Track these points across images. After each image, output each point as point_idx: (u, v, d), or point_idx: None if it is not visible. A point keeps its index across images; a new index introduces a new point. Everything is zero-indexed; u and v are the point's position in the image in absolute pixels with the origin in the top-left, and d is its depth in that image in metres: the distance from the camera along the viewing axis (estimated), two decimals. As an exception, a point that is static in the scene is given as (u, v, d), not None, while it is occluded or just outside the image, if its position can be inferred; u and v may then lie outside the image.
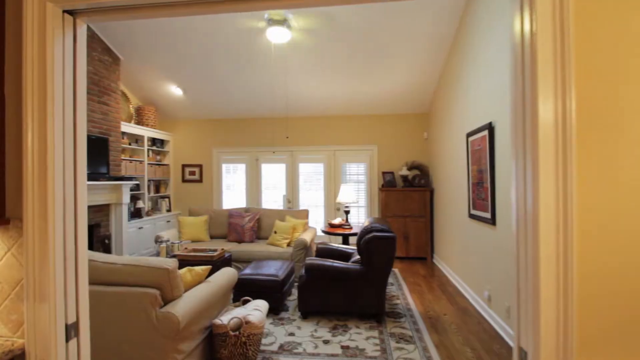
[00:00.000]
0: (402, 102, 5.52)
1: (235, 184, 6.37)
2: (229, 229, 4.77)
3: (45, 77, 1.11)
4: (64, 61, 1.15)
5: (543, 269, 0.86)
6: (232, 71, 4.91)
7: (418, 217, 5.26)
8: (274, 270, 3.40)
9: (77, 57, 1.21)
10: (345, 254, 3.76)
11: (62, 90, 1.15)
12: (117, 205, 4.64)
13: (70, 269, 1.16)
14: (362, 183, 5.92)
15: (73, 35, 1.19)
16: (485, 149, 3.14)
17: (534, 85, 0.86)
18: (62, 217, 1.13)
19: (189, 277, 2.33)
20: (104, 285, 2.04)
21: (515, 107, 0.95)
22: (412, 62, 4.53)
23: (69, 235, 1.15)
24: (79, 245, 1.18)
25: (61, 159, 1.14)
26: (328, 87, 5.19)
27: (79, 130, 1.20)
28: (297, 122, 6.10)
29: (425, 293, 3.85)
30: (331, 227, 4.67)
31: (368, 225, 3.11)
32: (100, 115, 4.48)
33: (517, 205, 0.96)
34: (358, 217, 5.89)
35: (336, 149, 5.99)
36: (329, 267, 3.02)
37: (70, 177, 1.16)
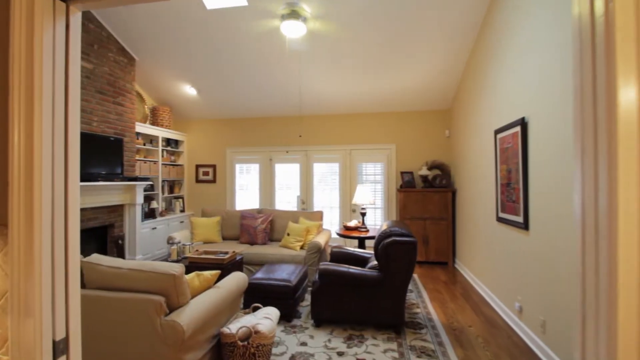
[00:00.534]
0: (422, 99, 5.29)
1: (249, 185, 6.28)
2: (242, 231, 4.67)
3: (33, 70, 0.99)
4: (54, 52, 1.03)
5: (622, 286, 0.67)
6: (245, 70, 4.81)
7: (439, 219, 5.02)
8: (286, 274, 3.26)
9: (69, 47, 1.09)
10: (362, 258, 3.58)
11: (52, 84, 1.03)
12: (130, 206, 4.62)
13: (60, 279, 1.04)
14: (379, 183, 5.72)
15: (65, 23, 1.08)
16: (517, 146, 2.90)
17: (611, 68, 0.67)
18: (51, 223, 1.01)
19: (196, 283, 2.22)
20: (109, 290, 1.95)
21: (581, 96, 0.76)
22: (434, 55, 4.30)
23: (58, 243, 1.03)
24: (70, 253, 1.06)
25: (50, 160, 1.01)
26: (343, 84, 5.02)
27: (71, 127, 1.08)
28: (312, 120, 5.95)
29: (447, 301, 3.62)
30: (346, 229, 4.49)
31: (386, 229, 2.92)
32: (115, 116, 4.47)
33: (583, 212, 0.77)
34: (375, 219, 5.69)
35: (352, 148, 5.81)
36: (344, 273, 2.86)
37: (61, 179, 1.04)
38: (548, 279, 2.41)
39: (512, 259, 3.01)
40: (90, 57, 4.06)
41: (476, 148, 4.06)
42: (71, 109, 1.06)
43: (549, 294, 2.40)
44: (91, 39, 4.07)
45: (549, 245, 2.40)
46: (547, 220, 2.43)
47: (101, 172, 4.07)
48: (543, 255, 2.47)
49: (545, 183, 2.46)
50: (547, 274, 2.42)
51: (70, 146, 1.05)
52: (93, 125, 4.11)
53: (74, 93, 1.07)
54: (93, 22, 4.08)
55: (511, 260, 3.04)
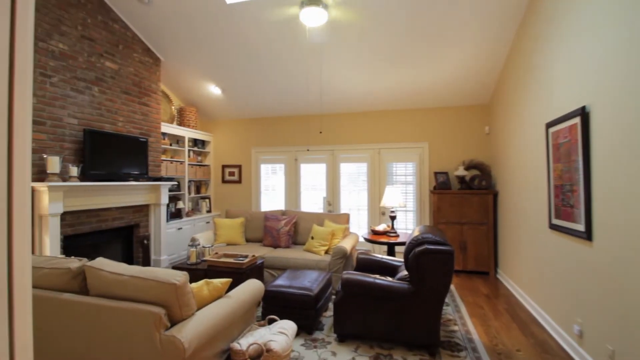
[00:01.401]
0: (457, 93, 4.84)
1: (275, 185, 6.12)
2: (265, 233, 4.50)
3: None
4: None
5: None
6: (267, 67, 4.64)
7: (478, 224, 4.54)
8: (308, 282, 3.02)
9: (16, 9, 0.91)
10: (390, 267, 3.25)
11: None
12: (156, 206, 4.60)
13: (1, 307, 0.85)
14: (411, 185, 5.33)
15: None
16: (576, 141, 2.45)
17: None
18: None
19: (205, 292, 2.03)
20: (111, 298, 1.80)
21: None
22: (470, 44, 3.87)
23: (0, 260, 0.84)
24: (16, 271, 0.87)
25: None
26: (370, 78, 4.70)
27: (17, 114, 0.90)
28: (338, 118, 5.68)
29: (490, 318, 3.19)
30: (374, 234, 4.17)
31: (418, 235, 2.58)
32: (141, 116, 4.48)
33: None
34: (405, 223, 5.30)
35: (381, 147, 5.46)
36: (369, 284, 2.56)
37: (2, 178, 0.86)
38: (620, 301, 1.96)
39: (571, 273, 2.56)
40: (116, 58, 4.08)
41: (522, 145, 3.58)
42: (18, 90, 0.87)
43: (621, 319, 1.96)
44: (116, 39, 4.08)
45: (620, 259, 1.95)
46: (616, 229, 1.99)
47: (126, 172, 4.07)
48: (612, 270, 2.03)
49: (614, 184, 2.01)
50: (618, 294, 1.98)
51: (16, 137, 0.86)
52: (118, 125, 4.13)
53: (23, 70, 0.88)
54: (118, 23, 4.09)
55: (569, 274, 2.58)
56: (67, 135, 3.51)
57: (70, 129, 3.54)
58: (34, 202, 3.19)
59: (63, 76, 3.46)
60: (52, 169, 3.21)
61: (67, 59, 3.50)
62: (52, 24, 3.35)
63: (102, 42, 3.89)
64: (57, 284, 1.92)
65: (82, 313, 1.77)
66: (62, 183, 3.19)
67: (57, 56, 3.40)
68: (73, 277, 1.91)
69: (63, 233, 3.42)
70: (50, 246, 3.16)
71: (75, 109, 3.60)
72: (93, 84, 3.80)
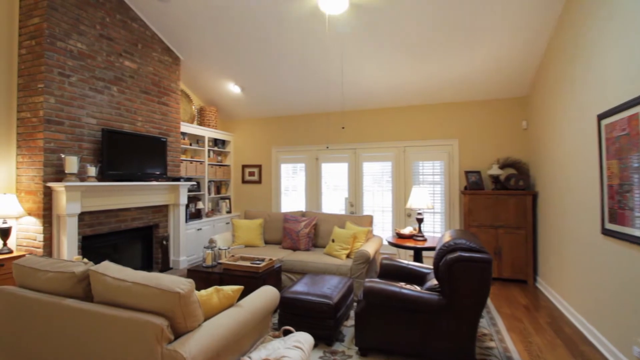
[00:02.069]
0: (491, 85, 4.47)
1: (296, 186, 5.96)
2: (284, 235, 4.33)
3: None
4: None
5: None
6: (286, 63, 4.48)
7: (515, 228, 4.16)
8: (327, 289, 2.81)
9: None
10: (418, 274, 2.98)
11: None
12: (175, 206, 4.56)
13: None
14: (439, 185, 4.99)
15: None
16: (637, 134, 2.10)
17: None
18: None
19: (215, 300, 1.87)
20: (113, 306, 1.68)
21: None
22: (507, 32, 3.52)
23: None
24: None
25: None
26: (395, 72, 4.43)
27: None
28: (360, 115, 5.44)
29: (530, 333, 2.85)
30: (399, 237, 3.90)
31: (450, 241, 2.31)
32: (160, 116, 4.44)
33: None
34: (433, 225, 4.98)
35: (406, 145, 5.16)
36: (395, 294, 2.31)
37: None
38: None
39: (629, 286, 2.20)
40: (134, 57, 4.05)
41: (568, 140, 3.20)
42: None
43: None
44: (135, 38, 4.06)
45: None
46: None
47: (145, 172, 4.03)
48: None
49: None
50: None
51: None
52: (137, 125, 4.10)
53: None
54: (137, 22, 4.07)
55: (628, 287, 2.22)
56: (86, 135, 3.50)
57: (88, 128, 3.52)
58: (52, 202, 3.18)
59: (82, 76, 3.45)
60: (70, 169, 3.20)
61: (85, 59, 3.49)
62: (71, 24, 3.34)
63: (120, 41, 3.87)
64: (61, 288, 1.82)
65: (83, 321, 1.66)
66: (79, 183, 3.17)
67: (76, 56, 3.39)
68: (78, 282, 1.81)
69: (82, 233, 3.41)
70: (67, 246, 3.14)
71: (94, 108, 3.58)
72: (112, 83, 3.78)
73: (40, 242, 3.13)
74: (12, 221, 3.23)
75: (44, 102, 3.12)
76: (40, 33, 3.14)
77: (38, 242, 3.14)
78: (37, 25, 3.16)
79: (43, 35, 3.12)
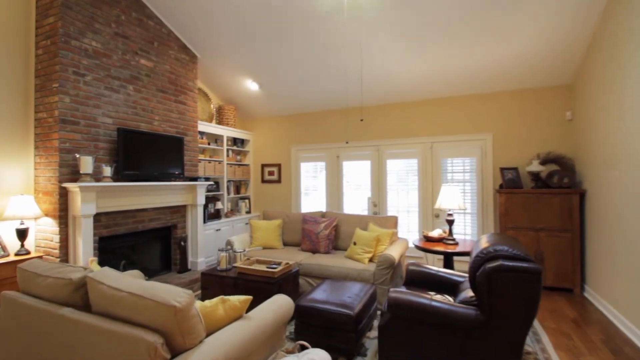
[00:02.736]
0: (530, 73, 4.04)
1: (315, 185, 5.75)
2: (303, 237, 4.13)
3: None
4: None
5: None
6: (305, 59, 4.27)
7: (558, 230, 3.73)
8: (348, 297, 2.57)
9: None
10: (450, 283, 2.67)
11: None
12: (192, 207, 4.47)
13: None
14: (470, 183, 4.61)
15: None
16: None
17: None
18: None
19: (220, 312, 1.68)
20: (107, 317, 1.52)
21: None
22: (549, 12, 3.13)
23: None
24: None
25: None
26: (421, 61, 4.10)
27: None
28: (383, 110, 5.14)
29: (583, 353, 2.48)
30: (427, 240, 3.59)
31: (488, 247, 2.00)
32: (177, 115, 4.37)
33: None
34: (464, 227, 4.60)
35: (434, 140, 4.81)
36: (424, 306, 2.03)
37: None
38: None
39: None
40: (151, 55, 3.99)
41: (623, 132, 2.78)
42: None
43: None
44: (151, 36, 3.99)
45: None
46: None
47: (161, 172, 3.95)
48: None
49: None
50: None
51: None
52: (154, 124, 4.03)
53: None
54: (152, 19, 4.00)
55: None
56: (102, 134, 3.45)
57: (104, 128, 3.47)
58: (68, 203, 3.14)
59: (97, 75, 3.41)
60: (85, 169, 3.14)
61: (100, 57, 3.44)
62: (85, 22, 3.29)
63: (136, 39, 3.81)
64: (60, 295, 1.70)
65: (76, 333, 1.52)
66: (93, 183, 3.11)
67: (91, 54, 3.35)
68: (75, 290, 1.68)
69: (98, 234, 3.36)
70: (83, 248, 3.09)
71: (110, 108, 3.53)
72: (128, 82, 3.72)
73: (56, 243, 3.10)
74: (31, 222, 3.23)
75: (59, 101, 3.08)
76: (54, 32, 3.11)
77: (55, 243, 3.11)
78: (52, 25, 3.13)
79: (57, 35, 3.08)
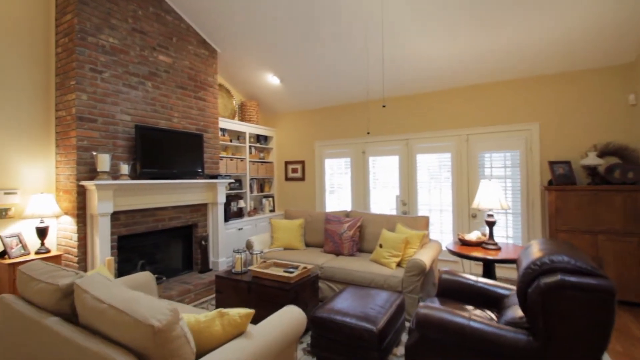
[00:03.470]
0: (584, 51, 3.49)
1: (340, 183, 5.46)
2: (325, 237, 3.87)
3: None
4: None
5: None
6: (326, 48, 4.00)
7: (621, 234, 3.18)
8: (371, 309, 2.28)
9: None
10: (492, 296, 2.29)
11: None
12: (213, 205, 4.36)
13: None
14: (511, 179, 4.11)
15: None
16: None
17: None
18: None
19: (217, 328, 1.46)
20: (89, 331, 1.36)
21: None
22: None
23: None
24: None
25: None
26: (455, 44, 3.68)
27: None
28: (412, 101, 4.74)
29: (665, 389, 2.01)
30: (463, 244, 3.19)
31: (542, 257, 1.63)
32: (197, 111, 4.27)
33: None
34: (506, 229, 4.11)
35: (470, 132, 4.35)
36: (460, 328, 1.70)
37: None
38: None
39: None
40: (169, 51, 3.90)
41: None
42: None
43: None
44: (169, 31, 3.90)
45: None
46: None
47: (181, 170, 3.86)
48: None
49: None
50: None
51: None
52: (174, 121, 3.95)
53: None
54: (170, 14, 3.91)
55: None
56: (120, 132, 3.40)
57: (123, 125, 3.42)
58: (86, 201, 3.10)
59: (114, 71, 3.35)
60: (102, 167, 3.09)
61: (118, 54, 3.38)
62: (102, 18, 3.24)
63: (154, 34, 3.74)
64: (48, 303, 1.56)
65: (56, 348, 1.36)
66: (110, 181, 3.05)
67: (108, 51, 3.30)
68: (63, 297, 1.53)
69: (117, 233, 3.31)
70: (100, 247, 3.04)
71: (128, 105, 3.48)
72: (146, 78, 3.66)
73: (75, 242, 3.07)
74: (53, 221, 3.24)
75: (76, 99, 3.05)
76: (71, 29, 3.07)
77: (73, 242, 3.09)
78: (69, 22, 3.10)
79: (74, 31, 3.05)
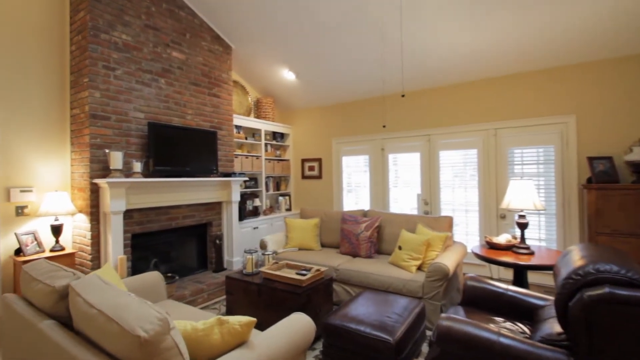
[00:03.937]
0: (626, 34, 3.14)
1: (359, 181, 5.28)
2: (342, 238, 3.71)
3: None
4: None
5: None
6: (341, 40, 3.82)
7: (676, 239, 2.83)
8: (388, 318, 2.10)
9: None
10: (524, 306, 2.06)
11: None
12: (227, 203, 4.30)
13: None
14: (544, 177, 3.79)
15: None
16: None
17: None
18: None
19: (215, 337, 1.34)
20: (81, 337, 1.27)
21: None
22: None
23: None
24: None
25: None
26: (482, 31, 3.41)
27: None
28: (433, 94, 4.48)
29: None
30: (491, 247, 2.94)
31: (585, 266, 1.40)
32: (211, 108, 4.21)
33: None
34: (539, 231, 3.79)
35: (498, 126, 4.06)
36: (489, 344, 1.50)
37: None
38: None
39: None
40: (183, 47, 3.86)
41: None
42: None
43: None
44: (183, 27, 3.86)
45: None
46: None
47: (194, 168, 3.81)
48: None
49: None
50: None
51: None
52: (187, 118, 3.91)
53: None
54: (184, 10, 3.86)
55: None
56: (133, 129, 3.37)
57: (136, 123, 3.40)
58: (99, 199, 3.10)
59: (127, 68, 3.33)
60: (115, 164, 3.07)
61: (131, 50, 3.36)
62: (115, 15, 3.22)
63: (167, 31, 3.70)
64: (45, 305, 1.50)
65: (44, 353, 1.29)
66: (122, 179, 3.02)
67: (121, 48, 3.27)
68: (60, 299, 1.46)
69: (130, 231, 3.29)
70: (113, 245, 3.02)
71: (141, 102, 3.45)
72: (159, 75, 3.62)
73: (89, 240, 3.07)
74: (68, 218, 3.26)
75: (89, 96, 3.04)
76: (84, 27, 3.07)
77: (87, 240, 3.09)
78: (82, 19, 3.10)
79: (86, 29, 3.04)
